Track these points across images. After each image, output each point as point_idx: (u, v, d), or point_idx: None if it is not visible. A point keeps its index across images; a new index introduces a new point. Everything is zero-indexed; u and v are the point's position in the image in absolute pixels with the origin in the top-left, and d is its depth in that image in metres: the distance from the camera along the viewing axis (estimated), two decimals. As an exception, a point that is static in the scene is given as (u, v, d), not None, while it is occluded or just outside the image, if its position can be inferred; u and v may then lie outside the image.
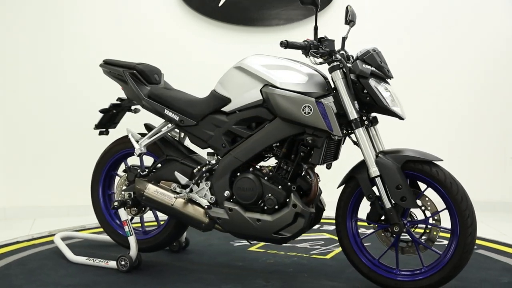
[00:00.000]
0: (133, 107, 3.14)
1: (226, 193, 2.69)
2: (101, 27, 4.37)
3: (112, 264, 2.87)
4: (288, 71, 2.60)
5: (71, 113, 4.31)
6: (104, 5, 4.38)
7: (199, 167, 2.77)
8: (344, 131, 2.57)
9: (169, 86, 3.03)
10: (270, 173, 2.65)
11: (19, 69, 4.32)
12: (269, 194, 2.60)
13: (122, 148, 3.04)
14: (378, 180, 2.45)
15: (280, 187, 2.60)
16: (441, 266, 2.43)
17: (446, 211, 2.45)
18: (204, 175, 2.74)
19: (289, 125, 2.56)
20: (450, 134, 4.56)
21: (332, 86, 2.60)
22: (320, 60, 2.55)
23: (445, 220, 2.51)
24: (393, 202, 2.44)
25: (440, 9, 4.55)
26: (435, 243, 2.52)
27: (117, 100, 3.06)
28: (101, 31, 4.36)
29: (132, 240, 2.84)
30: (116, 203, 2.82)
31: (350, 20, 2.59)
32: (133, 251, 2.83)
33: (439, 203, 2.47)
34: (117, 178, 3.16)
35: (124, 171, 3.03)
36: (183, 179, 2.77)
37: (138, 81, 2.90)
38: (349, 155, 2.79)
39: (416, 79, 4.49)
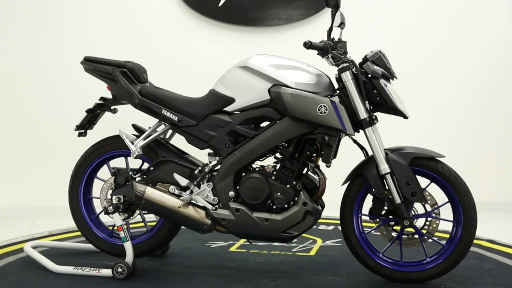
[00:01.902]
0: (112, 107, 3.00)
1: (231, 193, 2.67)
2: (100, 27, 4.37)
3: (106, 272, 2.72)
4: (297, 71, 2.63)
5: (71, 113, 4.31)
6: (104, 4, 4.39)
7: (200, 168, 2.73)
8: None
9: (154, 85, 2.93)
10: (274, 172, 2.67)
11: (20, 69, 4.33)
12: (278, 193, 2.62)
13: (107, 150, 2.91)
14: (388, 177, 2.56)
15: (288, 186, 2.63)
16: (446, 256, 2.58)
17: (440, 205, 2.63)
18: (207, 176, 2.71)
19: (299, 124, 2.59)
20: (450, 134, 4.57)
21: (336, 86, 2.67)
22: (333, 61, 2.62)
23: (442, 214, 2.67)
24: (403, 197, 2.56)
25: (442, 9, 4.55)
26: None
27: (100, 99, 2.93)
28: (101, 31, 4.37)
29: (128, 245, 2.72)
30: (110, 208, 2.72)
31: (340, 22, 2.63)
32: (130, 257, 2.71)
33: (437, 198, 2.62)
34: (96, 181, 3.00)
35: (113, 173, 2.85)
36: (183, 181, 2.72)
37: (129, 80, 2.78)
38: (344, 154, 2.82)
39: (416, 78, 4.49)
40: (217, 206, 2.69)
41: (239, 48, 4.38)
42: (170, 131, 2.94)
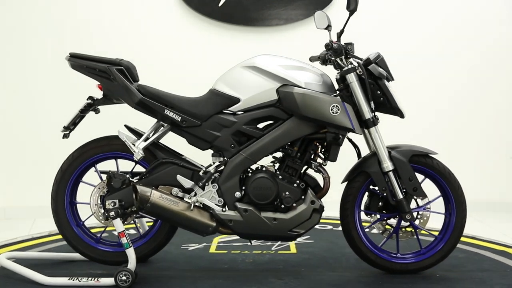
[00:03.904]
0: (96, 107, 2.84)
1: (237, 194, 2.65)
2: (100, 27, 4.37)
3: (106, 281, 2.58)
4: (305, 72, 2.67)
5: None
6: (104, 4, 4.38)
7: (204, 169, 2.69)
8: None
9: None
10: (277, 172, 2.69)
11: (19, 68, 4.32)
12: (286, 193, 2.64)
13: (98, 152, 2.77)
14: (391, 174, 2.68)
15: (295, 185, 2.65)
16: (441, 246, 2.79)
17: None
18: (213, 177, 2.66)
19: (307, 124, 2.63)
20: (450, 134, 4.56)
21: (336, 86, 2.73)
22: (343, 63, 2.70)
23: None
24: (404, 193, 2.70)
25: (441, 10, 4.55)
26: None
27: (88, 99, 2.78)
28: (100, 31, 4.36)
29: (131, 252, 2.61)
30: (112, 213, 2.59)
31: (328, 25, 2.70)
32: (133, 264, 2.61)
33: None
34: (81, 185, 2.86)
35: (108, 177, 2.70)
36: (187, 183, 2.65)
37: (126, 79, 2.66)
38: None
39: (415, 78, 4.48)
40: (222, 207, 2.66)
41: (239, 48, 4.37)
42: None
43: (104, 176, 2.76)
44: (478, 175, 4.50)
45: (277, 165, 2.77)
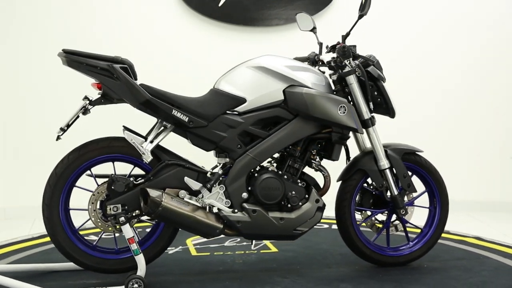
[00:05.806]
0: (88, 107, 2.68)
1: (244, 195, 2.64)
2: (100, 27, 4.37)
3: None
4: (310, 73, 2.71)
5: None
6: (104, 4, 4.38)
7: (211, 170, 2.66)
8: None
9: None
10: (279, 172, 2.71)
11: (20, 69, 4.32)
12: (293, 192, 2.67)
13: (97, 154, 2.63)
14: (387, 171, 2.79)
15: (300, 184, 2.69)
16: (428, 238, 2.95)
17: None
18: (221, 178, 2.63)
19: (311, 124, 2.67)
20: (450, 134, 4.56)
21: (333, 88, 2.79)
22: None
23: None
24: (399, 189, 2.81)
25: (432, 8, 4.55)
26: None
27: (84, 99, 2.66)
28: (101, 31, 4.36)
29: (141, 258, 2.53)
30: (122, 218, 2.48)
31: (313, 27, 2.87)
32: (143, 270, 2.52)
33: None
34: (75, 190, 2.71)
35: (111, 180, 2.57)
36: (196, 185, 2.60)
37: (130, 77, 2.54)
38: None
39: (413, 78, 4.49)
40: (231, 208, 2.63)
41: (239, 48, 4.38)
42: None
43: (99, 180, 2.66)
44: (477, 174, 4.50)
45: (274, 165, 2.78)
